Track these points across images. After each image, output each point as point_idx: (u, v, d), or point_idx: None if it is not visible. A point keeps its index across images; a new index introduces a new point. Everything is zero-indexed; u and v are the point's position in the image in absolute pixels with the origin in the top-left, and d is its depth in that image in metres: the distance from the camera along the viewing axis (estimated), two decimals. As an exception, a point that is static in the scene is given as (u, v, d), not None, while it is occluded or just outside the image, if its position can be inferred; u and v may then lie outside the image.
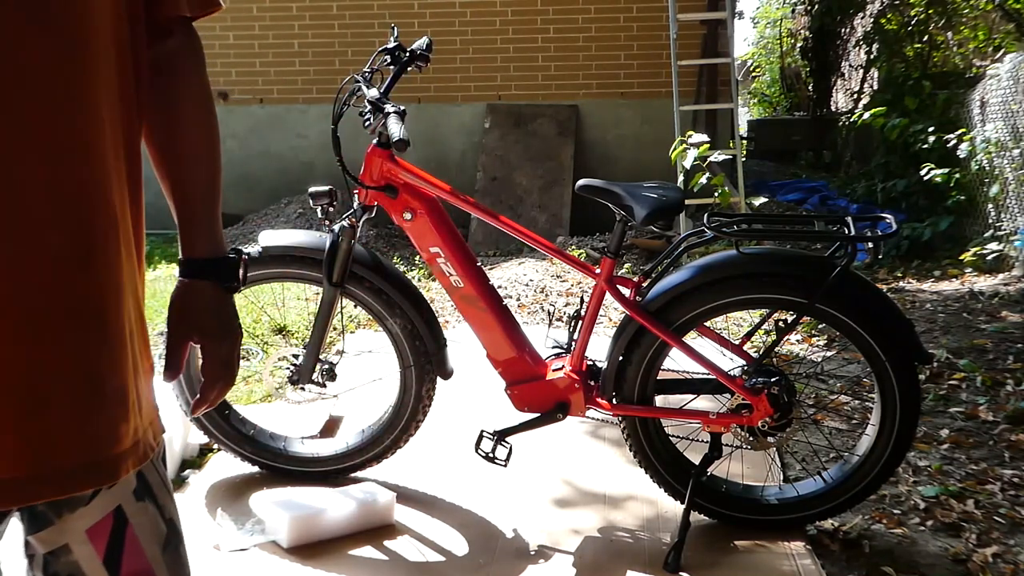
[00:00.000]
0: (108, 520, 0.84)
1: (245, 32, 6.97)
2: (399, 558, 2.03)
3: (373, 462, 2.38)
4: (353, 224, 2.18)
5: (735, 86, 6.21)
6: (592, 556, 2.05)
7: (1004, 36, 7.24)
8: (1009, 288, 4.33)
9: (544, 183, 6.43)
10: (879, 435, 2.05)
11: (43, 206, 0.76)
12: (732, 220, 2.13)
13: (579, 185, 2.14)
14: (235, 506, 2.25)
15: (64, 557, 0.83)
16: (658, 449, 2.16)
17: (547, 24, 6.78)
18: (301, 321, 3.87)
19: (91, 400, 0.80)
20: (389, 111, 2.03)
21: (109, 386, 0.81)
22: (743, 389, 2.06)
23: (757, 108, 14.41)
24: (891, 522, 2.21)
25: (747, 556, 2.05)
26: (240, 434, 2.38)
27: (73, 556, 0.83)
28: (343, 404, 2.75)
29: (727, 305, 2.06)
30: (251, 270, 2.25)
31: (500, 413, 2.36)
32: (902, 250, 5.33)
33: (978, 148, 5.04)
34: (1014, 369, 3.21)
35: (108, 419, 0.81)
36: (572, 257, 2.24)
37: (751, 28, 15.59)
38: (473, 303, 2.20)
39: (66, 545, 0.83)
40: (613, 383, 2.13)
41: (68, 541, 0.83)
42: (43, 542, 0.82)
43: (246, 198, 6.99)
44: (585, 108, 6.80)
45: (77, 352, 0.79)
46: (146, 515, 0.87)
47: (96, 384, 0.80)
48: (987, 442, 2.70)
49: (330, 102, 2.26)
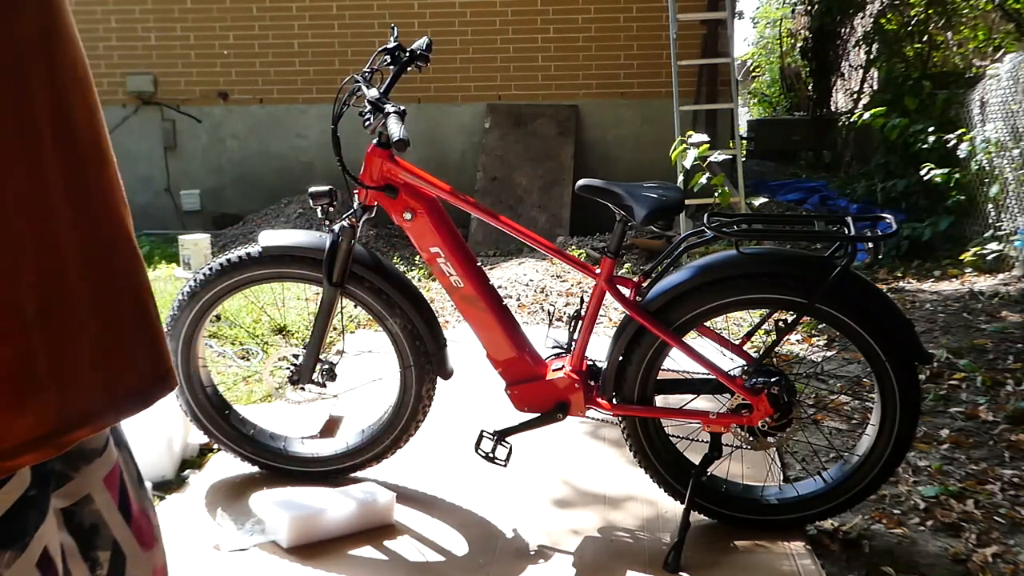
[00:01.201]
0: (117, 467, 0.90)
1: (245, 32, 6.97)
2: (399, 558, 2.03)
3: (373, 462, 2.38)
4: (353, 224, 2.18)
5: (735, 86, 6.21)
6: (592, 556, 2.05)
7: (1004, 36, 7.24)
8: (1009, 288, 4.33)
9: (544, 183, 6.43)
10: (879, 435, 2.05)
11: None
12: (732, 220, 2.13)
13: (579, 185, 2.14)
14: (235, 506, 2.25)
15: (87, 507, 0.87)
16: (658, 449, 2.16)
17: (547, 24, 6.78)
18: (301, 321, 3.87)
19: (146, 330, 0.85)
20: (389, 111, 2.03)
21: (154, 320, 0.86)
22: (743, 389, 2.06)
23: (757, 108, 14.42)
24: (891, 522, 2.21)
25: (747, 556, 2.05)
26: (240, 434, 2.38)
27: (95, 505, 0.87)
28: (343, 404, 2.75)
29: (727, 305, 2.05)
30: (251, 270, 2.25)
31: (500, 413, 2.36)
32: (902, 250, 5.34)
33: (978, 148, 5.04)
34: (1014, 369, 3.21)
35: (161, 346, 0.87)
36: (572, 257, 2.24)
37: (751, 28, 15.60)
38: (473, 303, 2.20)
39: (88, 495, 0.87)
40: (613, 383, 2.13)
41: (90, 491, 0.86)
42: (66, 496, 0.85)
43: (246, 198, 7.00)
44: (585, 108, 6.80)
45: (135, 288, 0.84)
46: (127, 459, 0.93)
47: (148, 315, 0.85)
48: (987, 442, 2.70)
49: (330, 102, 2.26)
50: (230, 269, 2.24)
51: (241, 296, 3.61)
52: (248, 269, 2.25)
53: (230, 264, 2.24)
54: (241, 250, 2.26)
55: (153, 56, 6.96)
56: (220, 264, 2.25)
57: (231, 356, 3.49)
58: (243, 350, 3.58)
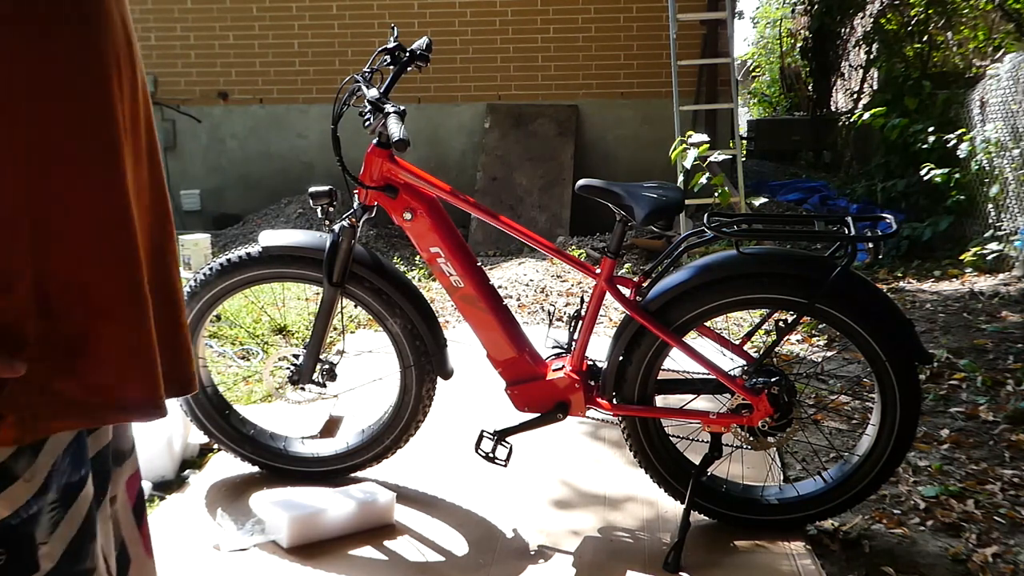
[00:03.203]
0: (138, 473, 0.93)
1: (245, 32, 6.97)
2: (399, 558, 2.03)
3: (373, 462, 2.38)
4: (353, 224, 2.18)
5: (735, 86, 6.21)
6: (592, 556, 2.05)
7: (1004, 36, 7.24)
8: (1009, 288, 4.33)
9: (544, 183, 6.43)
10: (879, 435, 2.05)
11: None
12: (732, 220, 2.13)
13: (579, 185, 2.14)
14: (235, 506, 2.25)
15: (111, 508, 0.89)
16: (658, 449, 2.16)
17: (547, 24, 6.78)
18: (301, 321, 3.87)
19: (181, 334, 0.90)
20: (389, 111, 2.03)
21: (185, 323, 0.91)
22: (743, 389, 2.06)
23: (757, 108, 14.42)
24: (891, 522, 2.21)
25: (747, 556, 2.05)
26: (240, 434, 2.38)
27: (116, 505, 0.89)
28: (343, 404, 2.75)
29: (727, 305, 2.05)
30: (251, 270, 2.25)
31: (500, 413, 2.36)
32: (902, 250, 5.34)
33: (978, 148, 5.04)
34: (1014, 369, 3.21)
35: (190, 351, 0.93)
36: (572, 257, 2.24)
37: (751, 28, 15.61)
38: (473, 303, 2.20)
39: (115, 496, 0.89)
40: (613, 383, 2.13)
41: (116, 492, 0.89)
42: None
43: (246, 198, 7.00)
44: (585, 108, 6.80)
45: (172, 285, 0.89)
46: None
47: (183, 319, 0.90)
48: (987, 442, 2.70)
49: (330, 102, 2.26)
50: (230, 269, 2.24)
51: (241, 296, 3.61)
52: (248, 269, 2.25)
53: (230, 264, 2.24)
54: (241, 250, 2.26)
55: (153, 56, 6.96)
56: (220, 264, 2.25)
57: (231, 356, 3.49)
58: (243, 350, 3.58)
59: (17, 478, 0.70)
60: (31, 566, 0.71)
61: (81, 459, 0.77)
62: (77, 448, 0.76)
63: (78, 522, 0.75)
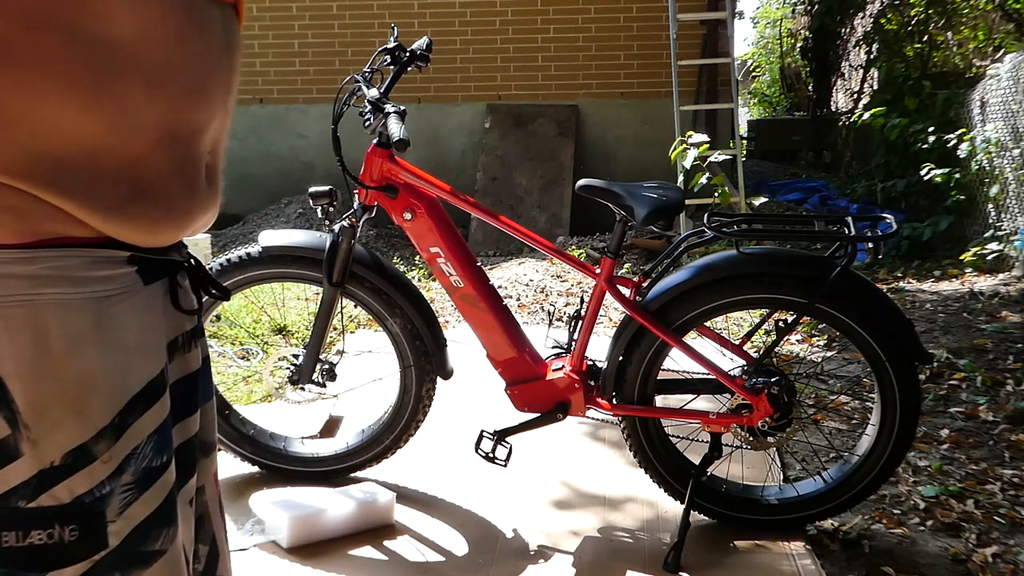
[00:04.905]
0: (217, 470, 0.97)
1: (245, 32, 6.97)
2: (399, 558, 2.03)
3: (373, 462, 2.38)
4: (353, 224, 2.18)
5: (735, 86, 6.21)
6: (592, 556, 2.05)
7: (1004, 36, 7.25)
8: (1009, 288, 4.33)
9: (544, 183, 6.43)
10: (879, 435, 2.05)
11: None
12: (732, 220, 2.13)
13: (579, 185, 2.14)
14: (235, 506, 2.25)
15: (199, 497, 0.91)
16: (658, 449, 2.16)
17: (547, 24, 6.78)
18: (301, 321, 3.87)
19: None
20: (389, 111, 2.03)
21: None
22: (743, 389, 2.06)
23: (757, 108, 14.43)
24: (891, 522, 2.21)
25: (747, 556, 2.05)
26: (240, 434, 2.38)
27: (205, 496, 0.92)
28: (343, 404, 2.75)
29: (727, 305, 2.05)
30: (251, 270, 2.25)
31: (500, 413, 2.36)
32: (902, 250, 5.34)
33: (978, 148, 5.04)
34: (1014, 369, 3.21)
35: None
36: (572, 257, 2.24)
37: (751, 28, 15.62)
38: (473, 303, 2.20)
39: (203, 486, 0.91)
40: (613, 383, 2.13)
41: (204, 483, 0.91)
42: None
43: (246, 198, 7.00)
44: (585, 108, 6.80)
45: None
46: None
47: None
48: (987, 442, 2.70)
49: (330, 102, 2.26)
50: (230, 269, 2.24)
51: (241, 296, 3.61)
52: (248, 269, 2.25)
53: (230, 264, 2.24)
54: (241, 250, 2.26)
55: (153, 56, 6.95)
56: (220, 264, 2.25)
57: (231, 356, 3.49)
58: (243, 350, 3.58)
59: (95, 459, 0.72)
60: (101, 543, 0.72)
61: (164, 446, 0.78)
62: (161, 436, 0.78)
63: (154, 505, 0.76)
